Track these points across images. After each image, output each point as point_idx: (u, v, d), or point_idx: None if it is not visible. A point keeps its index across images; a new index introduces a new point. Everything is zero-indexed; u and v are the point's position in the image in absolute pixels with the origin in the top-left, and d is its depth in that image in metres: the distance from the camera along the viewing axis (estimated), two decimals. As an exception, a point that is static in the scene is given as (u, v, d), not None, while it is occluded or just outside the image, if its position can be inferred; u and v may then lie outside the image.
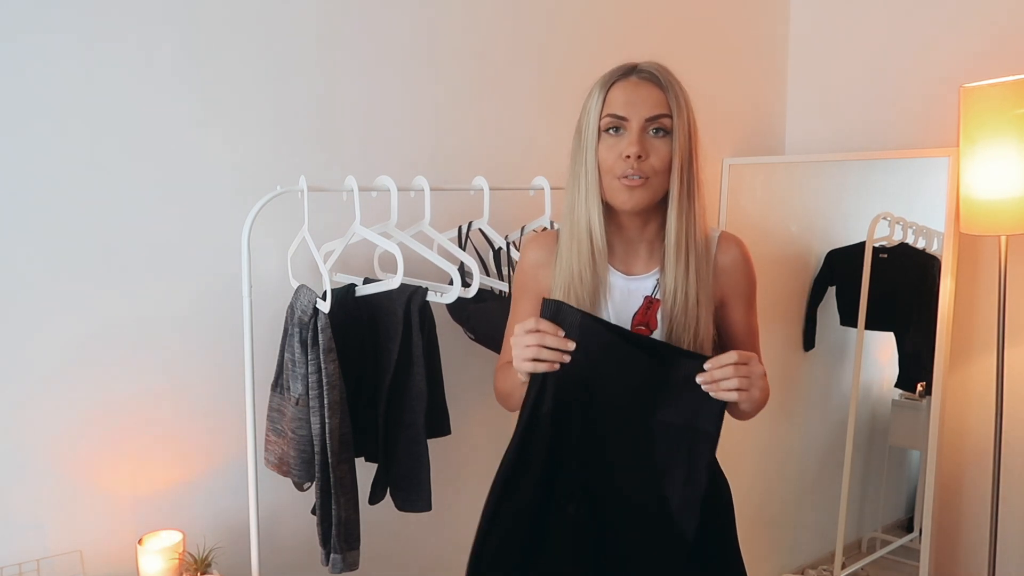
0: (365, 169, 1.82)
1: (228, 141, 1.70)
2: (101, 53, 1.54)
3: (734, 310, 1.36)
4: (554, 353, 1.17)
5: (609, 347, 1.20)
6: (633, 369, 1.21)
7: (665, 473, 1.22)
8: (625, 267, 1.32)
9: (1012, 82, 1.88)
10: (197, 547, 1.63)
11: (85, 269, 1.56)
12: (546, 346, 1.17)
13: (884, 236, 2.42)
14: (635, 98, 1.22)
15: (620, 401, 1.23)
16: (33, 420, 1.53)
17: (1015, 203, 1.91)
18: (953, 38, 2.34)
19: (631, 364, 1.21)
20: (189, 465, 1.71)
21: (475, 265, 1.60)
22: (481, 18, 2.04)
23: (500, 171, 2.05)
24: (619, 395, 1.23)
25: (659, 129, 1.22)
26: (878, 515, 2.64)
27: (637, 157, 1.20)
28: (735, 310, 1.36)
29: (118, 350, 1.61)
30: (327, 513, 1.54)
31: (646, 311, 1.31)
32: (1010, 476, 2.25)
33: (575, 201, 1.27)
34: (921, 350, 2.26)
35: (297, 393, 1.56)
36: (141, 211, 1.61)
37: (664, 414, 1.20)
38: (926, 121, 2.39)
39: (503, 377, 1.39)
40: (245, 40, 1.70)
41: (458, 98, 2.02)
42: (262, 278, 1.70)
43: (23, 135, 1.49)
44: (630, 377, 1.22)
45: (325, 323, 1.50)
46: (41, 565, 1.54)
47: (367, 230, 1.58)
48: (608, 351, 1.20)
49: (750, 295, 1.37)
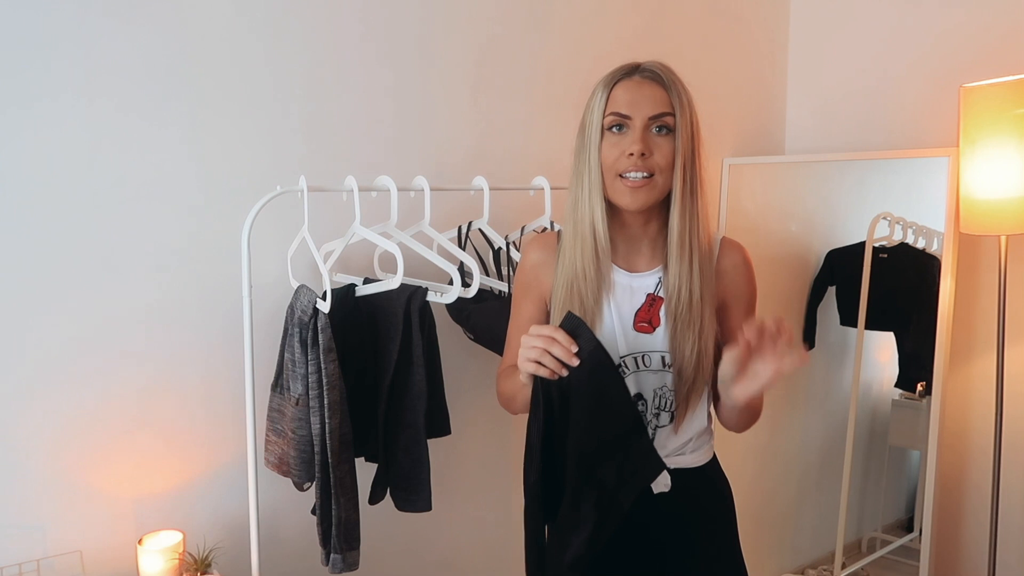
0: (365, 169, 1.82)
1: (228, 141, 1.70)
2: (101, 54, 1.54)
3: (735, 313, 1.36)
4: (556, 363, 1.15)
5: (605, 387, 1.19)
6: (609, 419, 1.20)
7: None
8: (628, 264, 1.32)
9: (1012, 82, 1.88)
10: (197, 547, 1.63)
11: (85, 269, 1.56)
12: (552, 353, 1.15)
13: (884, 236, 2.42)
14: (638, 96, 1.23)
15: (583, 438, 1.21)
16: (33, 420, 1.53)
17: (1015, 203, 1.91)
18: (953, 38, 2.34)
19: (612, 414, 1.20)
20: (189, 465, 1.71)
21: (475, 265, 1.60)
22: (481, 17, 2.04)
23: (500, 171, 2.05)
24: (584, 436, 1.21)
25: (662, 127, 1.23)
26: (878, 515, 2.64)
27: (640, 155, 1.21)
28: (736, 314, 1.36)
29: (118, 350, 1.61)
30: (327, 513, 1.54)
31: (649, 308, 1.31)
32: (1010, 476, 2.25)
33: (578, 199, 1.28)
34: (921, 350, 2.26)
35: (297, 393, 1.56)
36: (141, 211, 1.61)
37: (607, 468, 1.20)
38: (926, 121, 2.39)
39: (506, 380, 1.38)
40: (244, 40, 1.70)
41: (458, 98, 2.02)
42: (262, 278, 1.70)
43: (23, 135, 1.49)
44: (603, 424, 1.20)
45: (325, 323, 1.50)
46: (41, 565, 1.54)
47: (367, 230, 1.58)
48: (602, 390, 1.19)
49: (751, 300, 1.38)
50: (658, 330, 1.30)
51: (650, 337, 1.30)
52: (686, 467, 1.34)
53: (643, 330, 1.30)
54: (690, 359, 1.27)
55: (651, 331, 1.30)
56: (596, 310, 1.28)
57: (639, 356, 1.30)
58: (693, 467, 1.35)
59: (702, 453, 1.37)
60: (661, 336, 1.29)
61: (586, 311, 1.28)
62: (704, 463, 1.37)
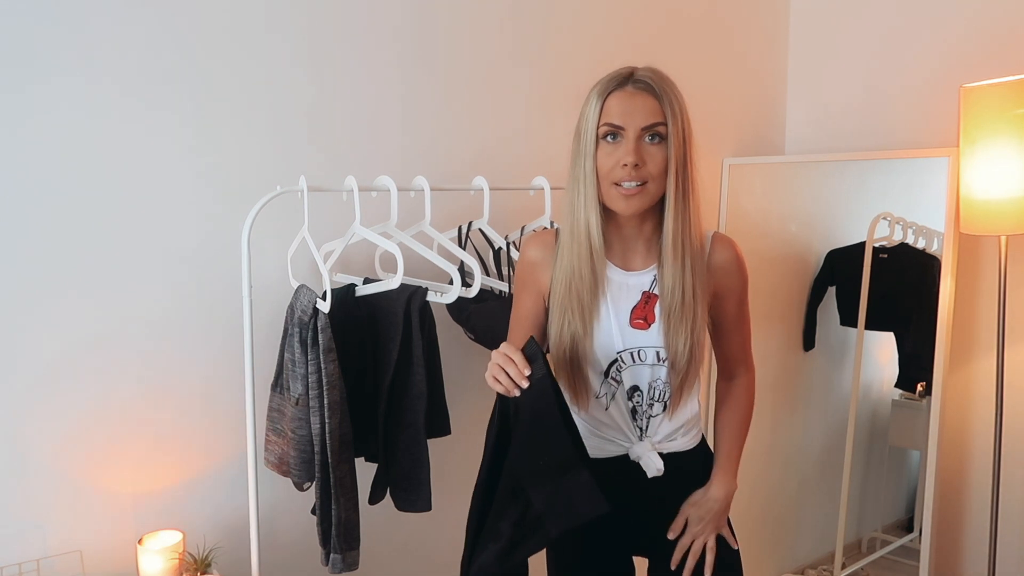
0: (365, 169, 1.82)
1: (228, 141, 1.70)
2: (101, 56, 1.54)
3: (727, 304, 1.43)
4: (509, 382, 1.21)
5: (542, 417, 1.23)
6: (542, 448, 1.23)
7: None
8: (623, 263, 1.38)
9: (1012, 82, 1.88)
10: (197, 547, 1.63)
11: (85, 269, 1.56)
12: (507, 372, 1.21)
13: (884, 236, 2.42)
14: (631, 108, 1.27)
15: (516, 458, 1.25)
16: (33, 420, 1.53)
17: (1015, 203, 1.91)
18: (953, 38, 2.34)
19: (547, 443, 1.23)
20: (189, 465, 1.71)
21: (476, 265, 1.60)
22: (481, 17, 2.04)
23: (500, 171, 2.05)
24: (516, 457, 1.25)
25: (655, 135, 1.27)
26: (878, 515, 2.64)
27: (635, 165, 1.26)
28: (728, 304, 1.43)
29: (118, 350, 1.61)
30: (327, 513, 1.54)
31: (644, 305, 1.36)
32: (1010, 476, 2.25)
33: (575, 203, 1.33)
34: (921, 350, 2.26)
35: (297, 393, 1.56)
36: (141, 211, 1.61)
37: (536, 494, 1.22)
38: (926, 121, 2.39)
39: None
40: (244, 40, 1.70)
41: (458, 98, 2.02)
42: (262, 278, 1.70)
43: (23, 135, 1.49)
44: (536, 450, 1.24)
45: (325, 323, 1.50)
46: (41, 565, 1.54)
47: (367, 230, 1.58)
48: (539, 419, 1.23)
49: (742, 290, 1.44)
50: (653, 326, 1.35)
51: (645, 333, 1.35)
52: (677, 451, 1.42)
53: (639, 326, 1.36)
54: (683, 353, 1.34)
55: (646, 327, 1.36)
56: (593, 307, 1.34)
57: (635, 351, 1.36)
58: (683, 451, 1.44)
59: (691, 437, 1.45)
60: (656, 332, 1.35)
61: (584, 308, 1.34)
62: (694, 446, 1.46)
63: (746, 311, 1.46)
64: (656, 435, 1.40)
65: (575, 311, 1.34)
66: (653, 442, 1.40)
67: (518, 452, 1.25)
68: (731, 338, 1.47)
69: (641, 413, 1.39)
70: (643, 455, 1.38)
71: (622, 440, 1.40)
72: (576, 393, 1.38)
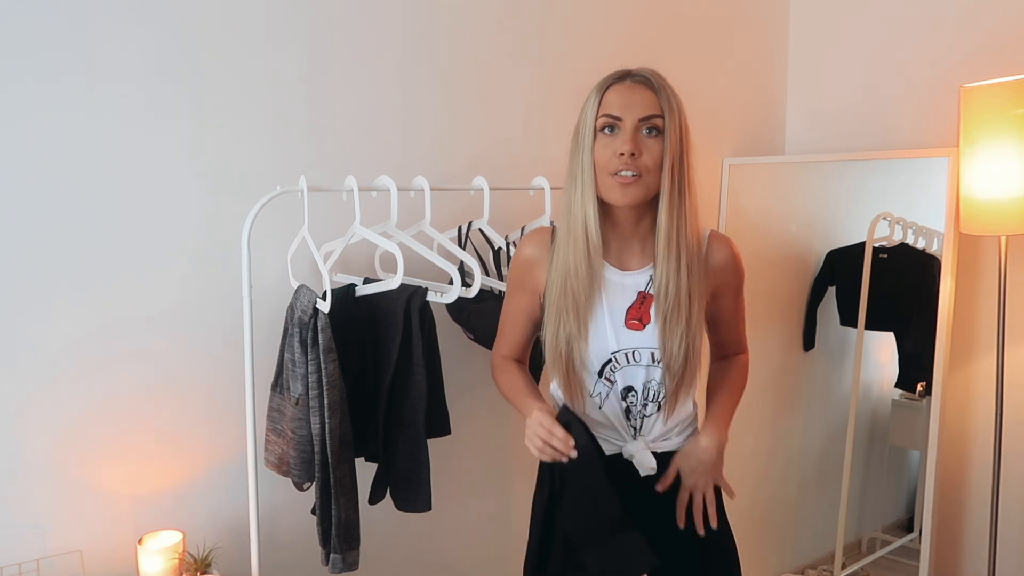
0: (365, 169, 1.82)
1: (228, 141, 1.70)
2: (101, 56, 1.54)
3: (724, 299, 1.45)
4: (556, 453, 1.26)
5: (590, 480, 1.27)
6: (593, 510, 1.27)
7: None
8: (619, 263, 1.38)
9: (1012, 82, 1.88)
10: (197, 547, 1.63)
11: (85, 269, 1.56)
12: (552, 445, 1.26)
13: (884, 236, 2.42)
14: (629, 100, 1.28)
15: (568, 523, 1.30)
16: (33, 420, 1.53)
17: (1015, 203, 1.91)
18: (953, 38, 2.34)
19: (597, 505, 1.27)
20: (189, 465, 1.71)
21: (476, 265, 1.60)
22: (481, 17, 2.04)
23: (500, 171, 2.05)
24: (568, 522, 1.29)
25: (652, 128, 1.29)
26: (878, 515, 2.64)
27: (631, 155, 1.27)
28: (725, 300, 1.45)
29: (118, 350, 1.61)
30: (327, 513, 1.54)
31: (639, 305, 1.36)
32: (1010, 476, 2.25)
33: (572, 198, 1.33)
34: (921, 350, 2.26)
35: (297, 393, 1.56)
36: (141, 211, 1.61)
37: (590, 556, 1.26)
38: (926, 121, 2.39)
39: (501, 374, 1.48)
40: (244, 40, 1.70)
41: (458, 98, 2.02)
42: (262, 278, 1.70)
43: (23, 135, 1.49)
44: (587, 513, 1.28)
45: (325, 323, 1.50)
46: (41, 565, 1.54)
47: (367, 230, 1.58)
48: (587, 483, 1.27)
49: (738, 287, 1.46)
50: (648, 327, 1.35)
51: (640, 334, 1.36)
52: (671, 450, 1.43)
53: (634, 327, 1.36)
54: (678, 355, 1.34)
55: (641, 328, 1.36)
56: (588, 307, 1.34)
57: (629, 352, 1.36)
58: (678, 450, 1.43)
59: (685, 436, 1.45)
60: (651, 333, 1.35)
61: (579, 307, 1.34)
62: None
63: (741, 303, 1.49)
64: (650, 434, 1.41)
65: (570, 310, 1.34)
66: (647, 441, 1.40)
67: (570, 515, 1.28)
68: (728, 329, 1.49)
69: (635, 413, 1.40)
70: (636, 454, 1.38)
71: (616, 439, 1.41)
72: (570, 392, 1.38)
